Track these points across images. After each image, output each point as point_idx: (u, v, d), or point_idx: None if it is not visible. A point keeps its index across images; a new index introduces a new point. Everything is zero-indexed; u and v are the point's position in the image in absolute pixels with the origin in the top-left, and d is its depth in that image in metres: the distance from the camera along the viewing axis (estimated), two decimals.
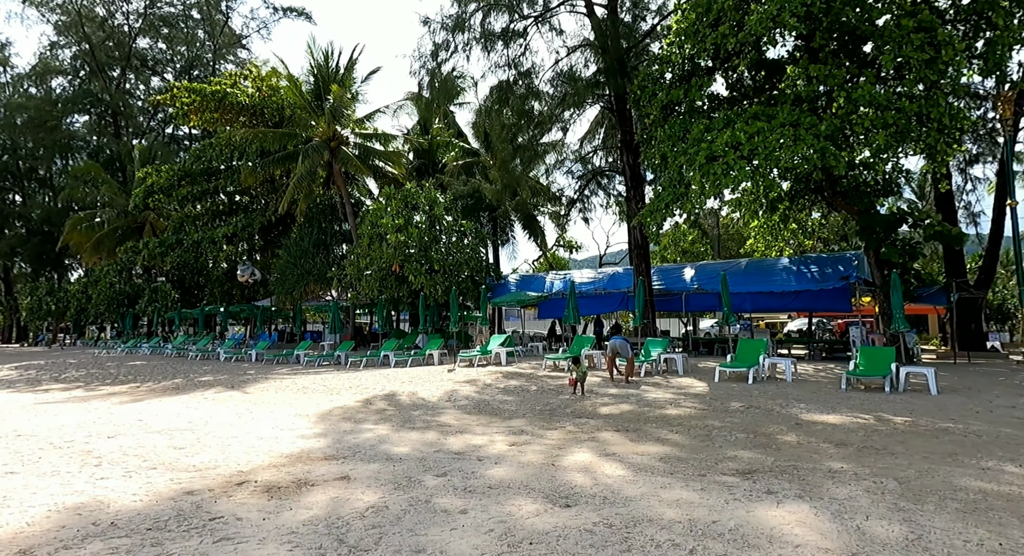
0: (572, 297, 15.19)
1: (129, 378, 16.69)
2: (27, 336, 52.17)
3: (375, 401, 10.16)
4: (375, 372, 15.26)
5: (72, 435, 7.51)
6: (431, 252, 20.78)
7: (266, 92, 25.93)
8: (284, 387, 12.94)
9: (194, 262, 30.22)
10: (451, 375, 13.51)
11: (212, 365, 20.22)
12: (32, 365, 21.66)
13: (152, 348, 26.54)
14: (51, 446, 6.85)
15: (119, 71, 43.44)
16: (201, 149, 28.91)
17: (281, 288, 25.88)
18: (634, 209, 18.84)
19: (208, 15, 43.26)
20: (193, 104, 25.28)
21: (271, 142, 24.31)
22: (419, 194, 22.32)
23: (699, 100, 14.50)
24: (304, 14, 45.48)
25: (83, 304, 38.36)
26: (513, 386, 11.22)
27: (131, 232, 35.34)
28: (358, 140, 25.23)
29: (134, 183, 32.50)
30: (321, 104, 24.71)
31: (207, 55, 44.11)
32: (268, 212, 27.78)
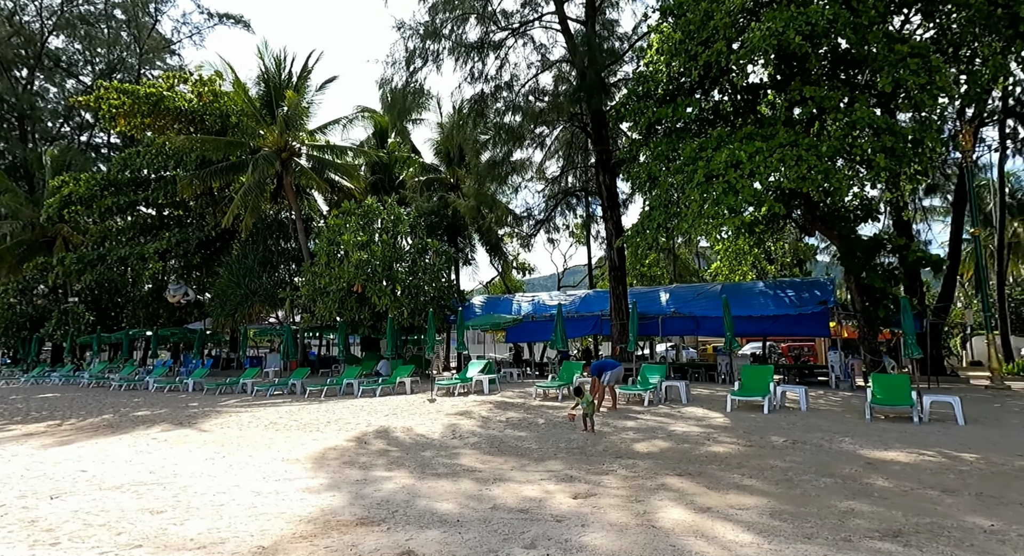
0: (560, 321, 14.46)
1: (44, 414, 14.31)
2: None
3: (369, 439, 8.90)
4: (344, 403, 13.79)
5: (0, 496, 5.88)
6: (395, 272, 19.52)
7: (207, 97, 23.93)
8: (245, 423, 11.31)
9: (116, 281, 27.21)
10: (435, 406, 12.34)
11: (143, 396, 17.86)
12: None
13: (64, 378, 23.37)
14: None
15: (26, 71, 39.36)
16: (128, 156, 26.23)
17: (221, 309, 23.59)
18: (611, 229, 18.50)
19: (134, 16, 40.17)
20: (123, 107, 22.91)
21: (214, 151, 22.32)
22: (380, 210, 21.07)
23: (685, 119, 14.35)
24: (242, 22, 43.18)
25: None
26: (516, 419, 10.24)
27: (39, 247, 31.53)
28: (311, 152, 23.65)
29: (45, 193, 29.10)
30: (272, 112, 23.04)
31: (131, 59, 40.86)
32: (207, 227, 25.44)
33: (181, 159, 25.07)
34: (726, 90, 15.22)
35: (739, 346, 28.41)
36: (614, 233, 18.45)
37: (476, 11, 17.19)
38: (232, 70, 22.56)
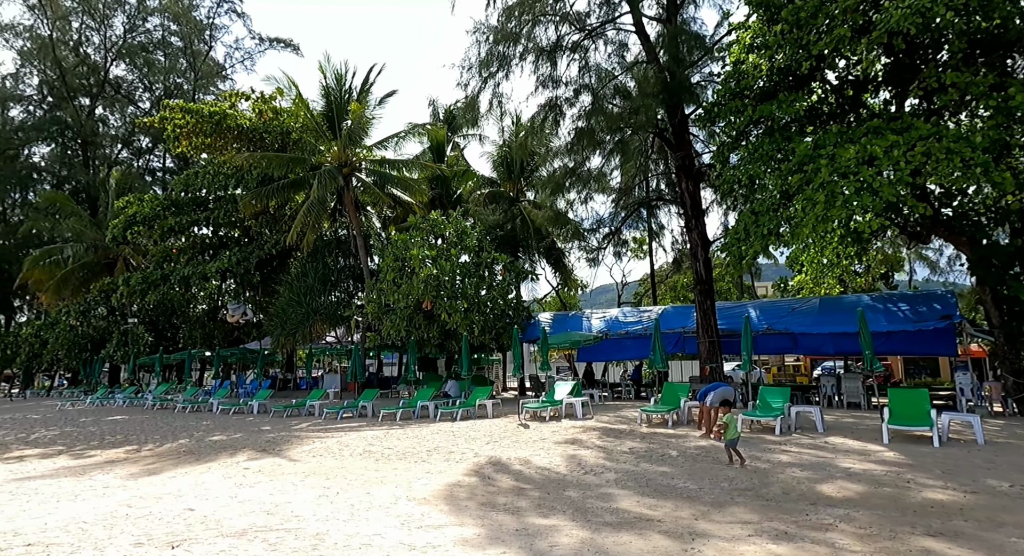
0: (658, 337, 13.29)
1: (119, 438, 13.80)
2: None
3: (489, 473, 7.89)
4: (428, 428, 12.85)
5: (107, 541, 5.06)
6: (464, 287, 18.69)
7: (267, 115, 23.84)
8: (336, 451, 10.46)
9: (174, 301, 27.18)
10: (533, 432, 11.29)
11: (210, 419, 17.33)
12: None
13: (128, 399, 23.17)
14: None
15: (90, 99, 40.60)
16: (189, 176, 26.34)
17: (281, 329, 23.11)
18: (696, 240, 17.32)
19: (190, 43, 41.20)
20: (186, 127, 22.95)
21: (276, 168, 22.06)
22: (446, 224, 20.38)
23: (792, 115, 13.21)
24: (291, 45, 43.96)
25: (36, 349, 34.27)
26: (641, 450, 9.10)
27: (101, 269, 31.93)
28: (372, 166, 23.22)
29: (108, 215, 29.52)
30: (333, 127, 22.73)
31: (186, 85, 41.81)
32: (267, 246, 25.19)
33: (242, 178, 24.98)
34: (829, 84, 14.05)
35: (879, 366, 26.61)
36: (699, 244, 17.27)
37: (550, 13, 16.47)
38: (295, 86, 22.37)
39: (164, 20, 39.43)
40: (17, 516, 6.35)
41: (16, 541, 5.29)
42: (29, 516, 6.35)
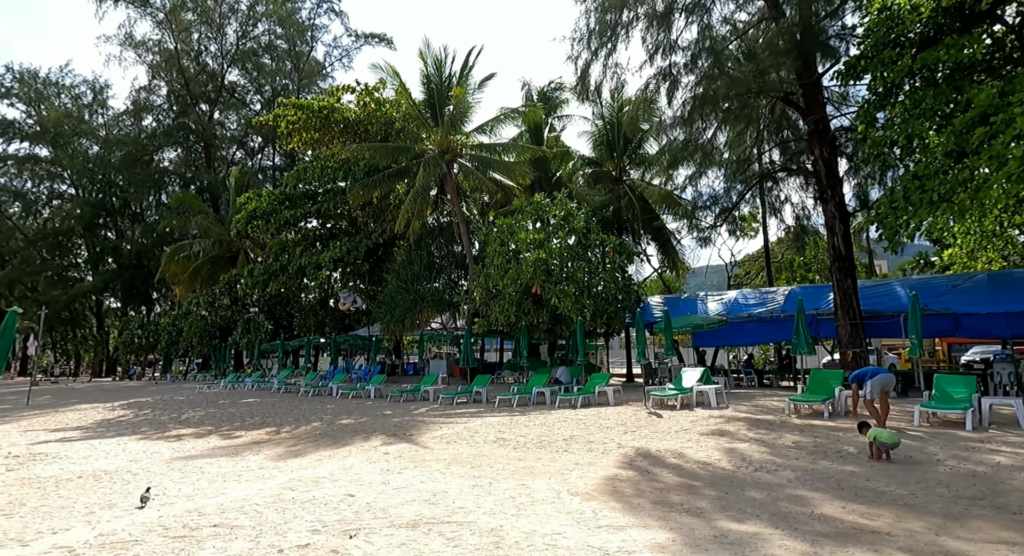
0: (801, 319, 12.05)
1: (257, 420, 14.55)
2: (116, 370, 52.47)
3: (645, 466, 7.31)
4: (552, 414, 12.45)
5: (284, 526, 4.97)
6: (574, 270, 18.10)
7: (371, 107, 24.33)
8: (467, 437, 10.30)
9: (291, 290, 28.69)
10: (670, 422, 10.55)
11: (333, 403, 17.99)
12: (140, 402, 20.06)
13: (256, 383, 24.78)
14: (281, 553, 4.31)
15: (208, 104, 43.71)
16: (301, 171, 27.59)
17: (391, 316, 23.71)
18: (832, 212, 15.63)
19: (293, 45, 43.20)
20: (298, 123, 23.93)
21: (381, 158, 22.50)
22: (551, 206, 19.83)
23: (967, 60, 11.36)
24: (385, 40, 44.94)
25: (173, 337, 37.69)
26: (808, 444, 8.14)
27: (224, 262, 34.46)
28: (473, 151, 23.10)
29: (230, 211, 31.63)
30: (435, 115, 22.79)
31: (291, 86, 43.93)
32: (374, 235, 25.91)
33: (349, 170, 25.78)
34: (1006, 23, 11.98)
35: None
36: (836, 216, 15.58)
37: None
38: (397, 75, 22.61)
39: (271, 25, 41.59)
40: (195, 495, 6.56)
41: (202, 521, 5.37)
42: (204, 496, 6.54)
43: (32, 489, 7.12)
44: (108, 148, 44.23)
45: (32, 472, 8.37)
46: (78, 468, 8.65)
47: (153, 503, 6.21)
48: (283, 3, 40.64)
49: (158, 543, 4.75)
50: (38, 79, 44.45)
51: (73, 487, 7.22)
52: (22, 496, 6.69)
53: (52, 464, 9.00)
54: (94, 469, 8.51)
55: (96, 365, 52.82)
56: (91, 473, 8.18)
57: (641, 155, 24.12)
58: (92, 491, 6.94)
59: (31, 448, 10.75)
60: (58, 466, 8.82)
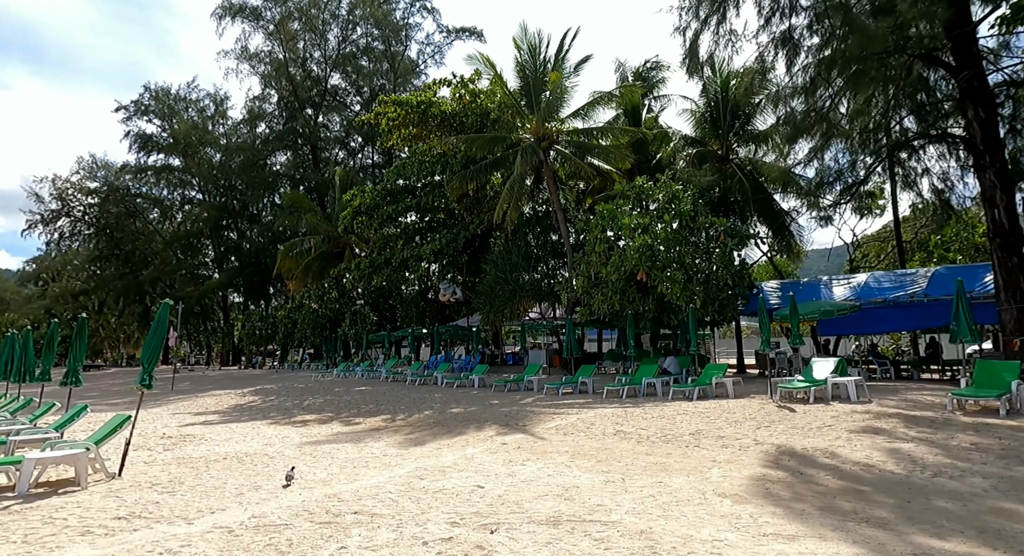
0: (963, 303, 10.55)
1: (372, 408, 15.08)
2: (241, 359, 57.43)
3: (790, 465, 6.61)
4: (669, 406, 11.80)
5: (422, 517, 4.86)
6: (681, 255, 17.16)
7: (466, 99, 24.47)
8: (581, 429, 9.96)
9: (394, 282, 29.72)
10: (805, 417, 9.60)
11: (440, 392, 18.33)
12: (266, 389, 21.58)
13: (365, 372, 25.94)
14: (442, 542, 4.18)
15: (313, 108, 46.19)
16: (400, 166, 28.41)
17: (490, 306, 23.85)
18: (991, 181, 13.63)
19: (389, 46, 44.60)
20: (397, 119, 24.55)
21: (478, 148, 22.56)
22: (654, 190, 18.94)
23: None
24: (475, 33, 45.26)
25: (289, 329, 40.42)
26: (993, 447, 7.02)
27: (332, 257, 36.38)
28: (570, 137, 22.60)
29: (336, 208, 33.24)
30: (530, 102, 22.51)
31: (388, 85, 45.44)
32: (471, 226, 26.19)
33: (447, 163, 26.17)
34: None
35: None
36: (997, 185, 13.57)
37: None
38: (491, 66, 22.53)
39: (368, 27, 43.23)
40: (330, 481, 6.71)
41: (343, 508, 5.42)
42: (339, 482, 6.67)
43: (187, 468, 7.63)
44: (229, 155, 48.18)
45: (184, 452, 9.04)
46: (222, 450, 9.25)
47: (294, 486, 6.41)
48: (379, 5, 42.03)
49: (306, 528, 4.81)
50: (170, 96, 49.20)
51: (221, 468, 7.66)
52: (180, 475, 7.17)
53: (200, 445, 9.71)
54: (236, 451, 9.06)
55: (224, 355, 58.10)
56: (234, 455, 8.69)
57: (750, 132, 22.45)
58: (237, 473, 7.32)
59: (180, 430, 11.73)
60: (205, 447, 9.49)
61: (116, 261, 52.42)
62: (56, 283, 60.64)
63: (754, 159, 22.23)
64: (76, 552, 4.30)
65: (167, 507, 5.60)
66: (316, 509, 5.40)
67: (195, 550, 4.30)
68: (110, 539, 4.62)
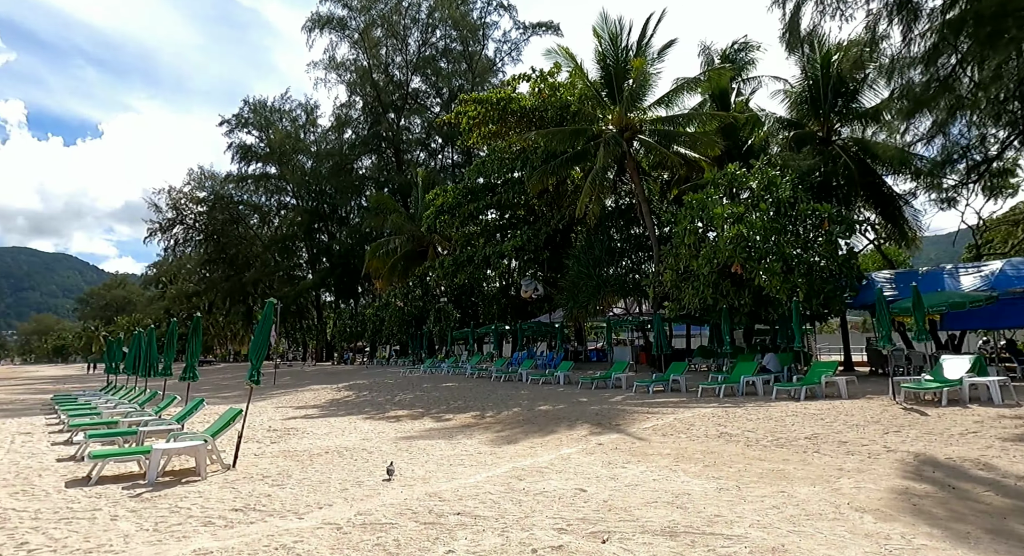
0: None
1: (460, 404, 15.19)
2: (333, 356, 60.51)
3: (935, 476, 5.83)
4: (775, 408, 10.97)
5: (526, 521, 4.64)
6: (781, 246, 16.00)
7: (545, 93, 24.18)
8: (680, 430, 9.43)
9: (477, 279, 30.00)
10: (941, 421, 8.54)
11: (525, 389, 18.22)
12: (358, 385, 22.40)
13: (451, 368, 26.36)
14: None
15: (395, 112, 47.62)
16: (481, 164, 28.60)
17: (573, 302, 23.47)
18: None
19: (467, 46, 45.13)
20: (477, 117, 24.67)
21: (558, 142, 22.21)
22: (747, 176, 17.81)
23: None
24: (552, 27, 44.86)
25: (377, 326, 41.93)
26: None
27: (416, 256, 37.33)
28: (654, 127, 21.74)
29: (419, 208, 34.04)
30: (612, 92, 21.88)
31: (467, 85, 46.01)
32: (552, 221, 25.91)
33: (526, 159, 26.04)
34: None
35: None
36: None
37: None
38: (571, 57, 22.09)
39: (446, 29, 43.99)
40: (429, 478, 6.68)
41: (445, 508, 5.32)
42: (438, 479, 6.63)
43: (293, 461, 7.90)
44: (319, 161, 50.75)
45: (289, 445, 9.42)
46: (323, 444, 9.56)
47: (395, 483, 6.42)
48: (457, 6, 42.62)
49: (412, 528, 4.74)
50: (266, 108, 52.53)
51: (324, 462, 7.87)
52: (287, 468, 7.42)
53: (303, 439, 10.09)
54: (336, 445, 9.32)
55: (318, 351, 61.40)
56: (335, 449, 8.93)
57: (855, 110, 20.62)
58: (340, 467, 7.47)
59: (284, 423, 12.30)
60: (308, 441, 9.84)
61: (222, 264, 56.66)
62: (173, 286, 66.49)
63: (861, 139, 20.40)
64: (200, 542, 4.44)
65: (278, 500, 5.75)
66: (419, 508, 5.34)
67: (308, 546, 4.33)
68: (230, 531, 4.76)
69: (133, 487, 6.33)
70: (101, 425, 10.07)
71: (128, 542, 4.49)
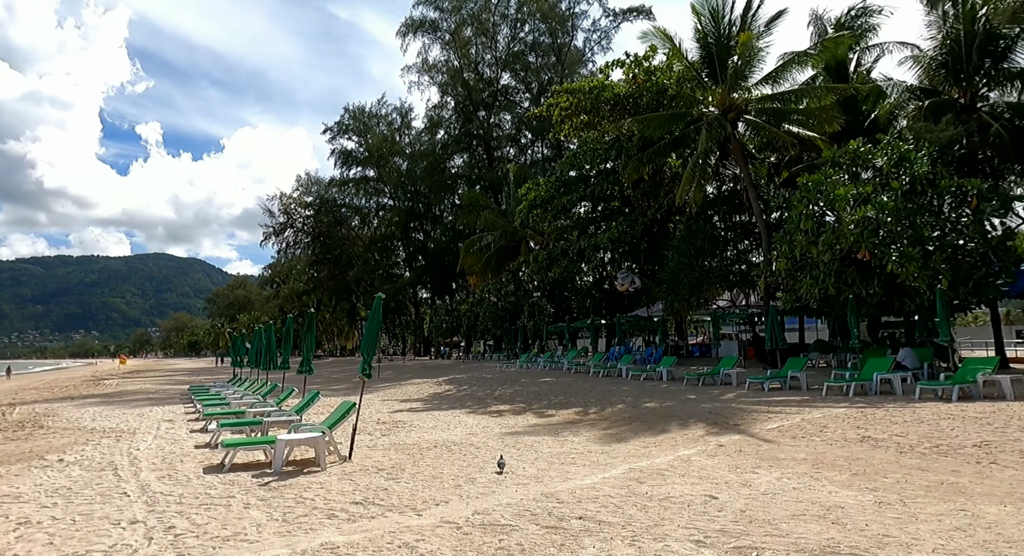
0: None
1: (561, 400, 14.89)
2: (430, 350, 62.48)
3: None
4: (923, 409, 9.68)
5: (656, 529, 4.21)
6: (921, 228, 14.24)
7: (640, 78, 23.22)
8: (810, 432, 8.53)
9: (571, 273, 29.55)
10: None
11: (628, 385, 17.59)
12: (457, 379, 22.77)
13: (547, 363, 26.18)
14: None
15: (485, 109, 48.10)
16: (573, 155, 28.11)
17: (674, 294, 22.41)
18: None
19: (556, 38, 44.68)
20: (569, 108, 24.19)
21: (655, 128, 21.22)
22: (873, 152, 16.04)
23: None
24: (643, 12, 43.23)
25: (472, 321, 42.64)
26: None
27: (507, 252, 37.51)
28: (762, 105, 20.20)
29: (513, 202, 34.11)
30: (713, 72, 20.59)
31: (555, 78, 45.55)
32: (650, 211, 24.93)
33: (621, 148, 25.24)
34: None
35: None
36: None
37: None
38: (668, 38, 20.99)
39: (535, 22, 43.82)
40: (542, 477, 6.43)
41: (565, 511, 5.03)
42: (551, 479, 6.35)
43: (404, 455, 7.96)
44: (413, 162, 52.48)
45: (399, 438, 9.56)
46: (431, 437, 9.62)
47: (508, 481, 6.23)
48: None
49: (533, 532, 4.48)
50: (364, 114, 55.10)
51: (434, 456, 7.86)
52: (400, 461, 7.47)
53: (411, 432, 10.23)
54: (443, 439, 9.34)
55: (416, 346, 63.69)
56: (443, 443, 8.94)
57: (1006, 70, 17.96)
58: (450, 462, 7.41)
59: (391, 416, 12.62)
60: (416, 434, 9.96)
61: (328, 264, 60.20)
62: (285, 285, 71.66)
63: (1017, 103, 17.76)
64: (327, 536, 4.45)
65: (395, 494, 5.73)
66: (538, 510, 5.09)
67: (431, 546, 4.19)
68: (352, 525, 4.75)
69: (261, 475, 6.60)
70: (231, 415, 10.79)
71: (261, 532, 4.58)
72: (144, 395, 20.45)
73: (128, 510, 5.26)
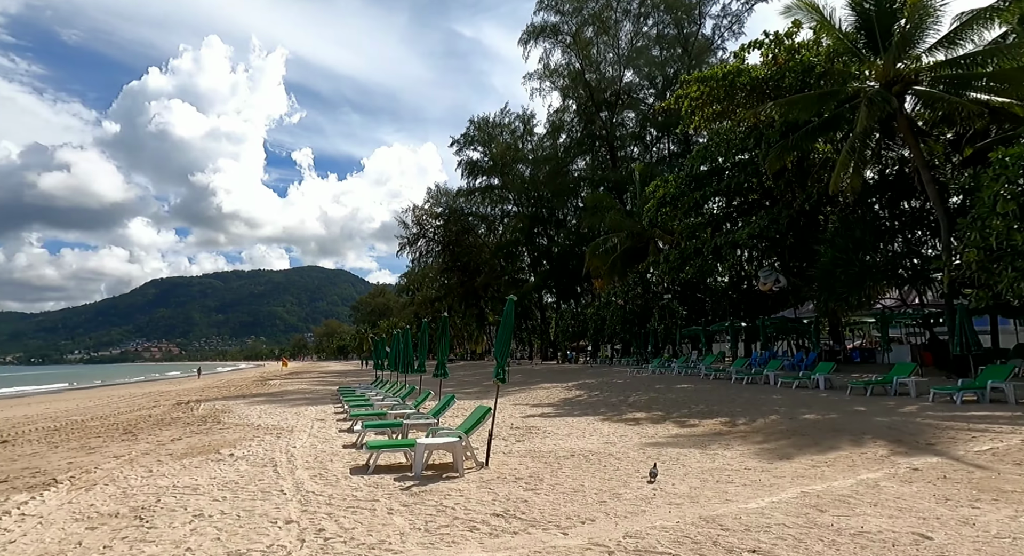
0: None
1: (703, 408, 13.76)
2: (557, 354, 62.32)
3: None
4: None
5: None
6: None
7: (782, 58, 21.14)
8: None
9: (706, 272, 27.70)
10: None
11: (777, 393, 15.93)
12: (588, 384, 22.21)
13: (682, 368, 24.71)
14: None
15: (608, 109, 47.13)
16: (705, 148, 26.37)
17: (828, 293, 20.00)
18: None
19: (681, 28, 42.67)
20: (700, 98, 22.69)
21: (802, 110, 19.12)
22: None
23: None
24: None
25: (598, 325, 41.76)
26: None
27: (634, 253, 36.23)
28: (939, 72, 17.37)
29: (639, 201, 32.91)
30: (872, 41, 18.13)
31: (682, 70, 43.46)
32: (796, 202, 22.59)
33: (760, 136, 23.21)
34: None
35: None
36: None
37: None
38: (815, 9, 18.84)
39: (659, 15, 42.23)
40: (697, 497, 5.73)
41: (731, 540, 4.33)
42: (708, 501, 5.63)
43: (541, 463, 7.63)
44: (536, 168, 52.91)
45: (533, 445, 9.27)
46: (566, 445, 9.21)
47: (659, 500, 5.62)
48: None
49: None
50: (488, 124, 56.71)
51: (572, 466, 7.44)
52: (537, 470, 7.15)
53: (546, 439, 9.91)
54: (580, 448, 8.88)
55: (543, 350, 63.92)
56: (580, 452, 8.49)
57: None
58: (590, 474, 6.94)
59: (524, 421, 12.42)
60: (551, 441, 9.61)
61: (457, 271, 62.61)
62: (420, 292, 75.76)
63: None
64: (469, 551, 4.20)
65: (536, 508, 5.39)
66: (700, 537, 4.45)
67: None
68: (496, 540, 4.47)
69: (403, 479, 6.61)
70: (374, 416, 11.24)
71: (404, 541, 4.46)
72: (301, 395, 22.38)
73: (284, 509, 5.46)
